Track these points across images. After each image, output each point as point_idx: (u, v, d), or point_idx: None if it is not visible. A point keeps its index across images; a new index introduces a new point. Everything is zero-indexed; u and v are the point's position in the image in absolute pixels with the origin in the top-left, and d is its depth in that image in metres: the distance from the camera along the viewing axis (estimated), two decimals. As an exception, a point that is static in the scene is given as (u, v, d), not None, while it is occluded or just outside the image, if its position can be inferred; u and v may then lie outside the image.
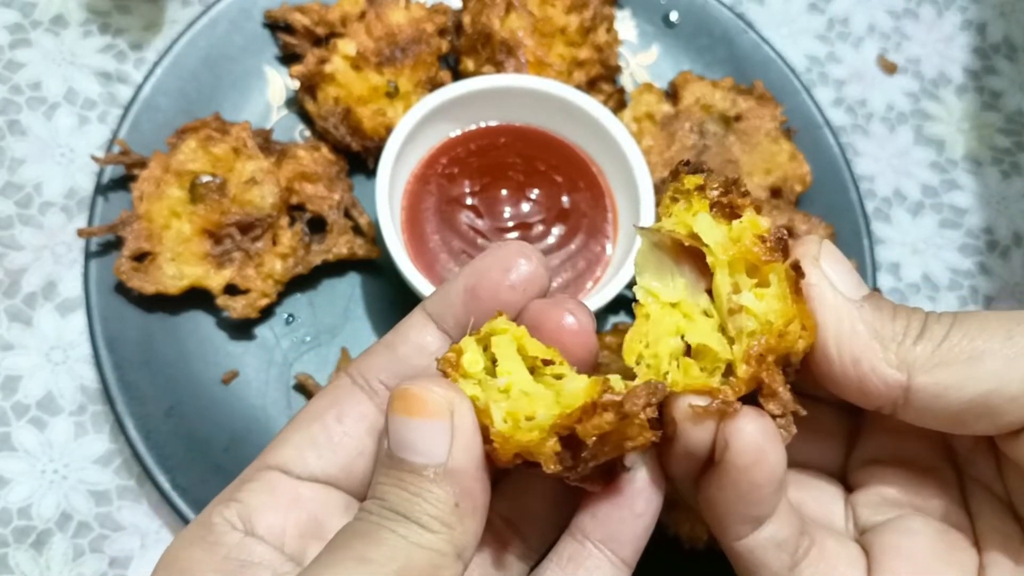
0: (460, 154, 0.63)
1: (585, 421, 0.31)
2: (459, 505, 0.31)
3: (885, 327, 0.34)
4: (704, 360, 0.34)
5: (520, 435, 0.31)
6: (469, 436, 0.31)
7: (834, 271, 0.35)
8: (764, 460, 0.33)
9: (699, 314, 0.34)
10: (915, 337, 0.34)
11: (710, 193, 0.34)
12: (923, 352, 0.33)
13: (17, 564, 0.57)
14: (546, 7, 0.65)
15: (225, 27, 0.67)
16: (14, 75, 0.69)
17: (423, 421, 0.31)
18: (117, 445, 0.60)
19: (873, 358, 0.33)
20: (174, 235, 0.58)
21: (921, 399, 0.33)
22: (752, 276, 0.33)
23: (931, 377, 0.33)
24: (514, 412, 0.31)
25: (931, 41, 0.83)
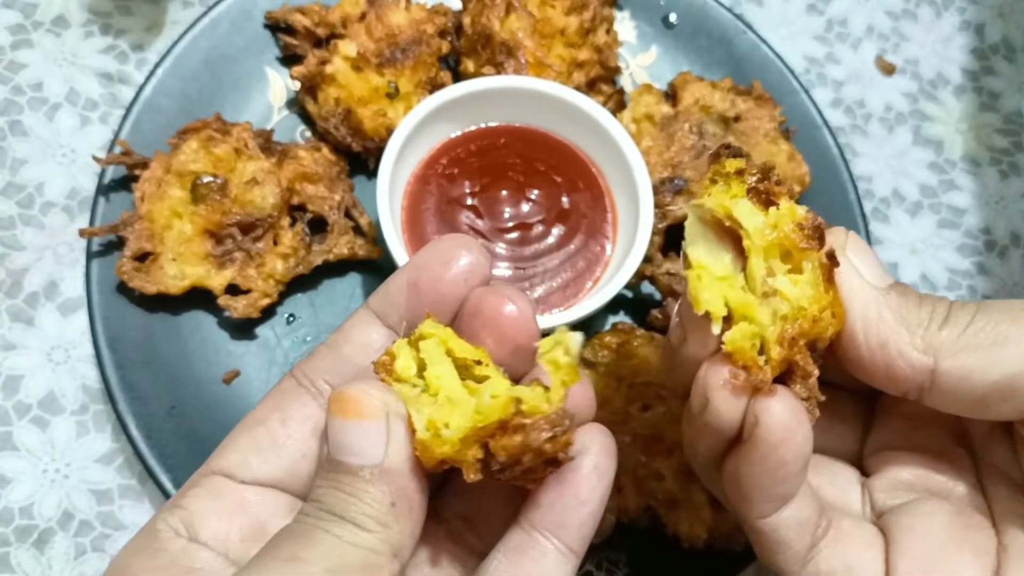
0: (460, 155, 0.63)
1: (498, 438, 0.31)
2: (395, 504, 0.31)
3: (911, 313, 0.35)
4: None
5: (436, 445, 0.31)
6: (404, 437, 0.32)
7: (861, 260, 0.36)
8: (792, 438, 0.34)
9: (741, 291, 0.34)
10: (940, 323, 0.35)
11: (748, 178, 0.34)
12: (949, 337, 0.34)
13: (19, 563, 0.57)
14: (546, 8, 0.65)
15: (226, 28, 0.67)
16: (15, 76, 0.69)
17: (359, 423, 0.32)
18: (119, 444, 0.61)
19: (900, 343, 0.34)
20: (176, 235, 0.58)
21: (947, 382, 0.35)
22: (786, 262, 0.34)
23: (957, 361, 0.34)
24: (434, 421, 0.32)
25: (929, 42, 0.83)
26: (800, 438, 0.34)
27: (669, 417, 0.55)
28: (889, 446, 0.41)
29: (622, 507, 0.55)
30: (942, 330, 0.35)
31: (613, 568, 0.58)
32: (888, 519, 0.39)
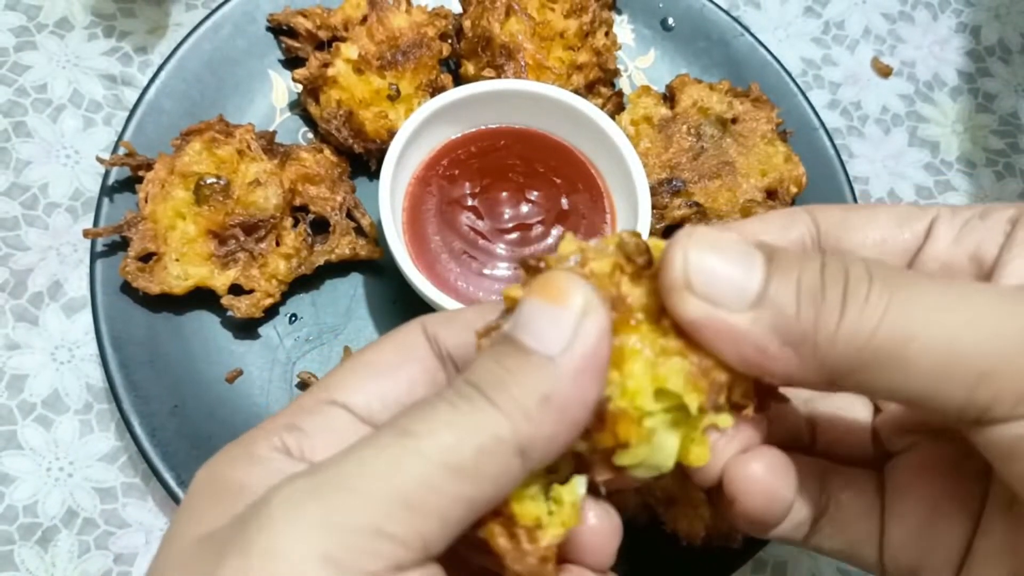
0: (461, 156, 0.63)
1: (488, 522, 0.29)
2: (548, 400, 0.27)
3: (790, 324, 0.28)
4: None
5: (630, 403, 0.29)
6: (591, 340, 0.28)
7: (710, 283, 0.28)
8: (775, 500, 0.32)
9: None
10: (832, 327, 0.28)
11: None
12: (841, 351, 0.28)
13: (23, 561, 0.57)
14: (545, 11, 0.66)
15: (229, 30, 0.68)
16: (20, 77, 0.70)
17: (553, 308, 0.28)
18: (122, 443, 0.61)
19: (786, 368, 0.29)
20: (179, 236, 0.58)
21: (862, 390, 0.30)
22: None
23: (851, 379, 0.28)
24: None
25: (926, 44, 0.84)
26: (784, 495, 0.32)
27: (667, 416, 0.56)
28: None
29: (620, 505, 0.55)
30: (835, 337, 0.28)
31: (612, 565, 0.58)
32: (890, 469, 0.36)
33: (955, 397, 0.27)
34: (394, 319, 0.64)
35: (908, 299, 0.27)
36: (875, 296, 0.28)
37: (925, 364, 0.27)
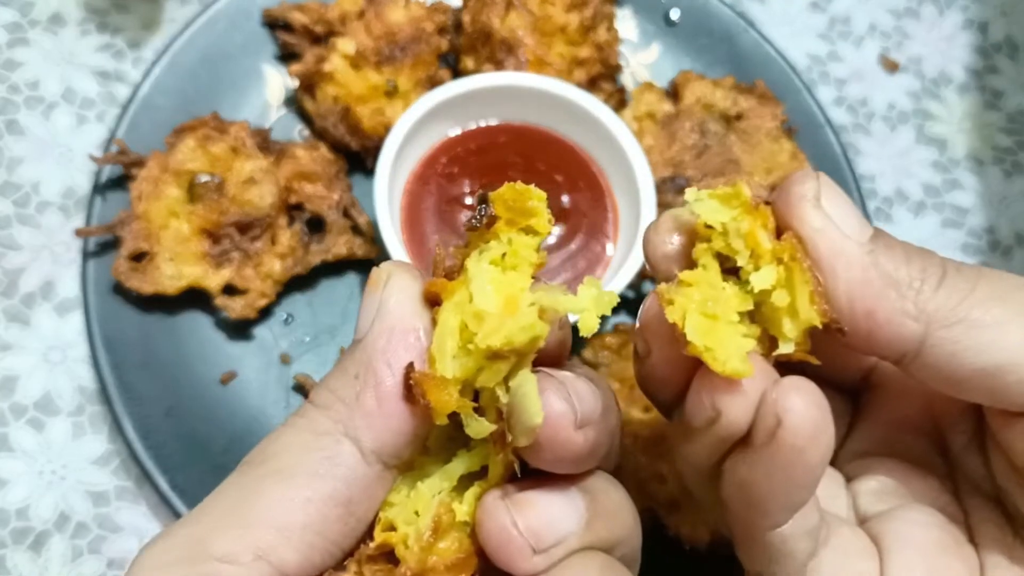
0: (460, 153, 0.62)
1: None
2: (358, 377, 0.28)
3: (900, 271, 0.30)
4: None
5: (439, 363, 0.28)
6: (395, 310, 0.29)
7: (837, 211, 0.31)
8: (821, 438, 0.29)
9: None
10: (935, 285, 0.30)
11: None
12: (944, 304, 0.30)
13: (15, 565, 0.57)
14: (546, 6, 0.65)
15: (224, 26, 0.67)
16: (12, 74, 0.69)
17: (370, 294, 0.30)
18: (115, 446, 0.60)
19: (888, 308, 0.30)
20: (172, 235, 0.58)
21: (934, 356, 0.30)
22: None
23: (950, 333, 0.30)
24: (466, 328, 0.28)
25: (932, 40, 0.83)
26: (827, 437, 0.29)
27: (671, 418, 0.55)
28: (868, 451, 0.38)
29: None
30: (937, 293, 0.30)
31: (614, 571, 0.57)
32: (876, 526, 0.36)
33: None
34: (392, 319, 0.63)
35: (1001, 277, 0.31)
36: (970, 269, 0.31)
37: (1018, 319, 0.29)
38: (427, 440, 0.30)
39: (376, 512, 0.29)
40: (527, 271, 0.29)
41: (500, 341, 0.27)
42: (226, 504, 0.27)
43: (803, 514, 0.32)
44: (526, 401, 0.27)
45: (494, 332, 0.27)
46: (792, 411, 0.28)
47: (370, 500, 0.29)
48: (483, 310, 0.28)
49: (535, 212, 0.29)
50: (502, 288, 0.28)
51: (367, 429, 0.28)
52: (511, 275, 0.29)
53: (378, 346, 0.28)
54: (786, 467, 0.29)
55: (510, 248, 0.29)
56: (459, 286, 0.29)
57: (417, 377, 0.28)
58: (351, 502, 0.28)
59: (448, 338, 0.28)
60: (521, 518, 0.28)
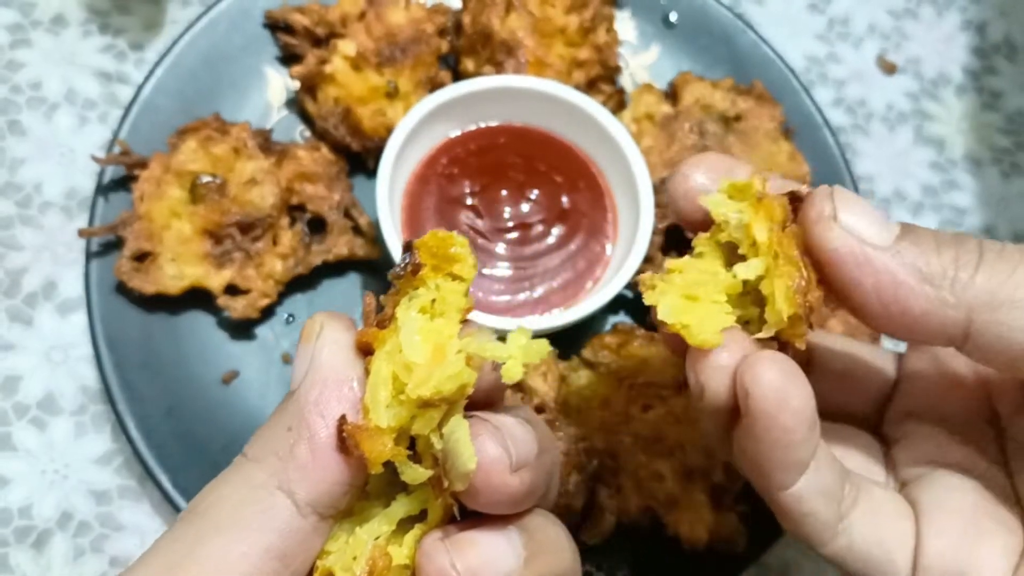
0: (460, 154, 0.63)
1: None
2: (291, 429, 0.28)
3: (932, 264, 0.31)
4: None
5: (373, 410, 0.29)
6: (322, 362, 0.29)
7: (856, 220, 0.32)
8: (790, 401, 0.31)
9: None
10: (972, 271, 0.31)
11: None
12: (985, 288, 0.30)
13: (18, 564, 0.57)
14: (546, 7, 0.65)
15: (225, 27, 0.67)
16: (14, 75, 0.69)
17: (303, 346, 0.30)
18: (118, 445, 0.60)
19: (924, 303, 0.31)
20: (174, 235, 0.58)
21: (983, 339, 0.31)
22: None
23: (994, 316, 0.30)
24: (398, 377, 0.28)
25: (931, 41, 0.83)
26: (798, 401, 0.31)
27: (670, 418, 0.55)
28: (912, 414, 0.39)
29: (622, 508, 0.54)
30: (976, 277, 0.30)
31: (613, 569, 0.57)
32: (914, 491, 0.37)
33: None
34: (393, 319, 0.63)
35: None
36: (1011, 248, 0.31)
37: None
38: (366, 485, 0.30)
39: (313, 563, 0.29)
40: (455, 317, 0.30)
41: (430, 391, 0.28)
42: (162, 561, 0.28)
43: (815, 473, 0.33)
44: (459, 447, 0.28)
45: (423, 382, 0.28)
46: (757, 381, 0.31)
47: (306, 552, 0.29)
48: (412, 360, 0.28)
49: (458, 258, 0.30)
50: (430, 337, 0.29)
51: (301, 482, 0.28)
52: (439, 322, 0.29)
53: (311, 398, 0.29)
54: (766, 433, 0.31)
55: (438, 294, 0.30)
56: (390, 335, 0.29)
57: (350, 429, 0.28)
58: (286, 555, 0.28)
59: (381, 388, 0.29)
60: (460, 559, 0.29)
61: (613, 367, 0.58)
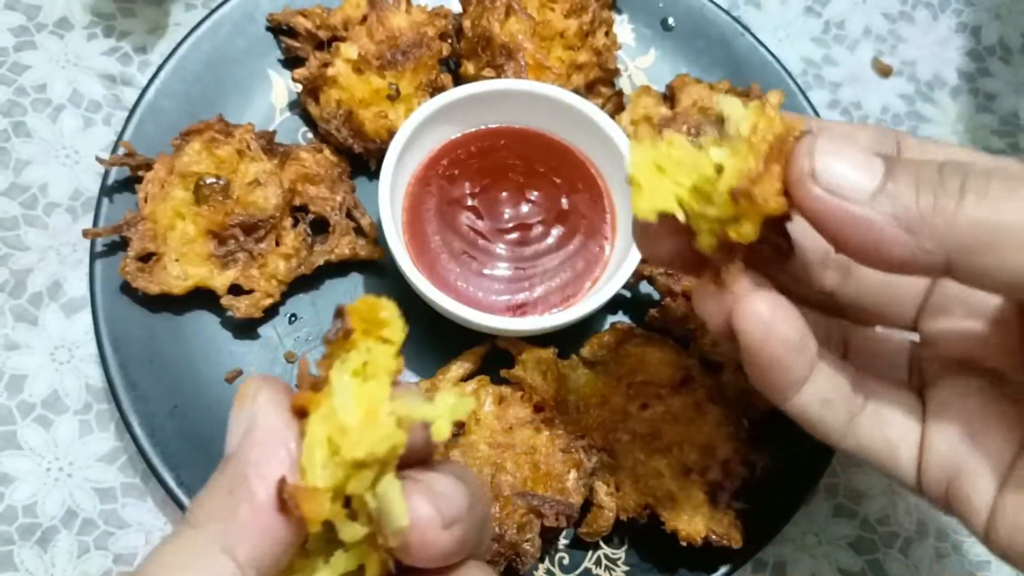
0: (461, 156, 0.63)
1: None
2: (232, 493, 0.29)
3: (909, 211, 0.31)
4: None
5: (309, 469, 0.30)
6: (260, 425, 0.30)
7: (835, 175, 0.32)
8: (774, 334, 0.35)
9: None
10: (951, 210, 0.30)
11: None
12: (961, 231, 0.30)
13: (22, 561, 0.57)
14: (545, 11, 0.66)
15: (228, 30, 0.68)
16: (19, 77, 0.70)
17: (237, 411, 0.31)
18: (122, 443, 0.61)
19: (905, 251, 0.31)
20: (179, 236, 0.58)
21: (963, 277, 0.31)
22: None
23: (969, 260, 0.30)
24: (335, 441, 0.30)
25: (926, 44, 0.84)
26: (782, 333, 0.35)
27: (668, 416, 0.56)
28: (946, 308, 0.40)
29: (621, 505, 0.55)
30: (954, 220, 0.30)
31: (612, 566, 0.58)
32: (930, 391, 0.39)
33: None
34: (394, 319, 0.64)
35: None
36: (996, 185, 0.30)
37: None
38: (306, 543, 0.31)
39: None
40: (386, 380, 0.31)
41: (363, 453, 0.29)
42: None
43: (814, 386, 0.37)
44: (392, 507, 0.29)
45: (356, 445, 0.29)
46: (745, 318, 0.35)
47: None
48: (346, 423, 0.29)
49: (387, 322, 0.31)
50: (362, 400, 0.30)
51: (243, 543, 0.29)
52: (371, 385, 0.30)
53: (250, 460, 0.29)
54: (757, 359, 0.35)
55: (369, 356, 0.31)
56: (324, 398, 0.30)
57: (290, 490, 0.29)
58: None
59: (316, 449, 0.29)
60: None
61: (611, 366, 0.59)
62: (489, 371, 0.58)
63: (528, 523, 0.51)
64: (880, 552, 0.64)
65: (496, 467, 0.52)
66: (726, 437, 0.55)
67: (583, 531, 0.56)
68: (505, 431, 0.54)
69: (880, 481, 0.66)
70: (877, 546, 0.64)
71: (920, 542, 0.65)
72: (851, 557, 0.64)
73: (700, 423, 0.55)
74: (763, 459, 0.56)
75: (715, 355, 0.58)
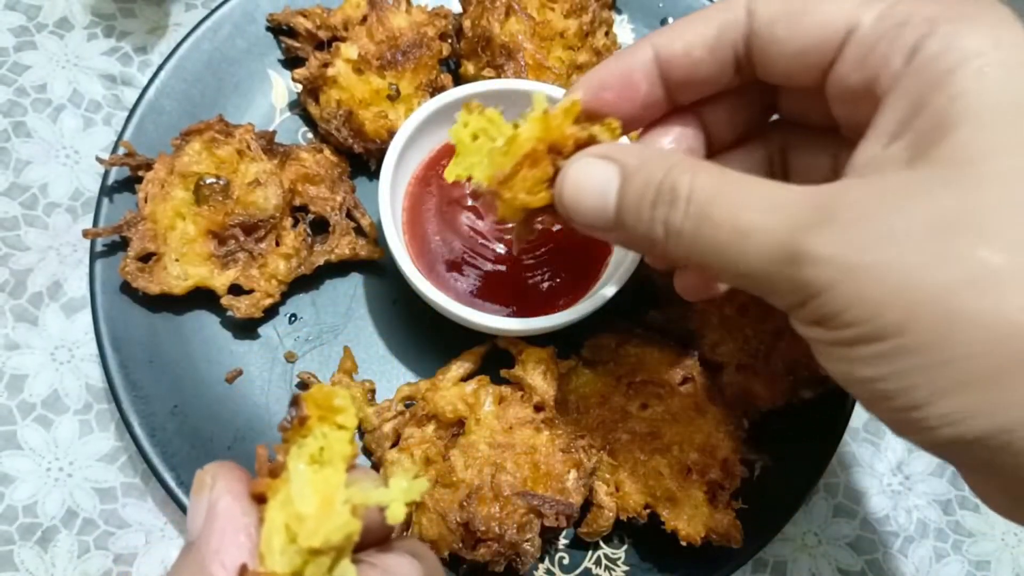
0: (461, 156, 0.63)
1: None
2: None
3: (642, 241, 0.38)
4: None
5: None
6: (218, 513, 0.31)
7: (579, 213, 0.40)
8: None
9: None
10: (666, 238, 0.37)
11: None
12: (680, 250, 0.36)
13: (23, 561, 0.57)
14: (545, 11, 0.66)
15: (228, 30, 0.68)
16: (19, 77, 0.70)
17: (195, 498, 0.32)
18: (122, 443, 0.61)
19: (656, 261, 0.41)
20: (179, 236, 0.58)
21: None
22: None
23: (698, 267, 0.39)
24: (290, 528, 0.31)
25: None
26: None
27: (667, 415, 0.56)
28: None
29: (621, 505, 0.55)
30: (676, 245, 0.36)
31: (612, 566, 0.58)
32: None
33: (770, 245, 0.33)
34: (394, 319, 0.64)
35: (722, 199, 0.35)
36: (693, 206, 0.35)
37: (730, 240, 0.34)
38: None
39: None
40: (341, 466, 0.32)
41: (319, 541, 0.30)
42: None
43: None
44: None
45: (313, 534, 0.30)
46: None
47: None
48: (302, 512, 0.30)
49: (341, 409, 0.32)
50: (318, 488, 0.31)
51: None
52: (327, 471, 0.32)
53: (211, 547, 0.30)
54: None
55: (325, 442, 0.32)
56: (282, 484, 0.31)
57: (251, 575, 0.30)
58: None
59: (275, 536, 0.30)
60: None
61: (611, 366, 0.59)
62: (489, 371, 0.58)
63: (528, 523, 0.51)
64: (880, 552, 0.64)
65: (496, 467, 0.52)
66: (726, 437, 0.55)
67: (583, 531, 0.56)
68: (505, 431, 0.54)
69: (880, 481, 0.66)
70: (877, 546, 0.65)
71: (920, 542, 0.65)
72: (851, 557, 0.64)
73: (700, 423, 0.55)
74: (763, 459, 0.56)
75: (715, 355, 0.58)
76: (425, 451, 0.55)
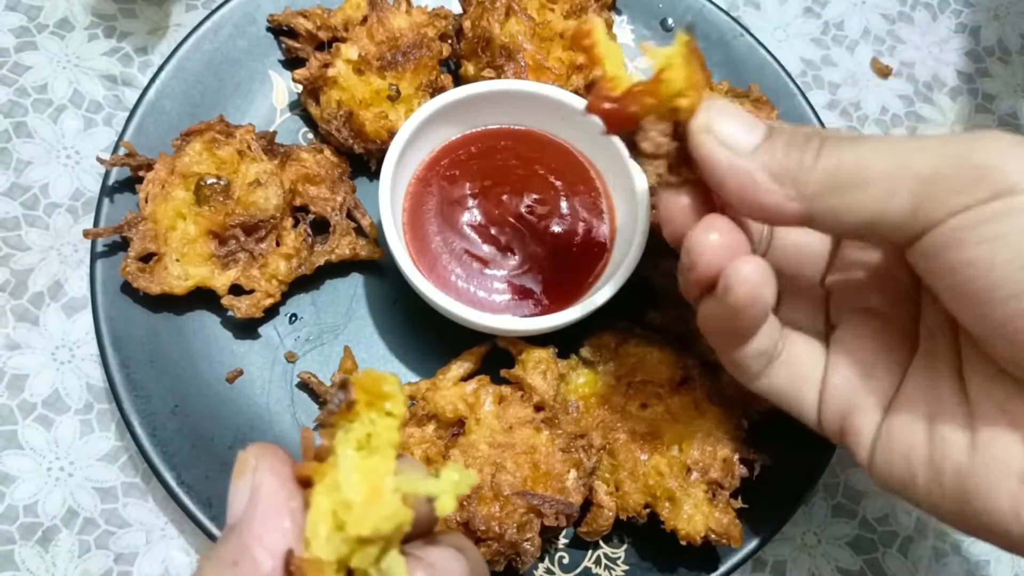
0: (461, 156, 0.64)
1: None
2: (237, 564, 0.29)
3: (779, 164, 0.38)
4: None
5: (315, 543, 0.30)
6: (262, 496, 0.30)
7: (724, 129, 0.39)
8: (759, 301, 0.40)
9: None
10: (811, 163, 0.37)
11: None
12: (817, 180, 0.37)
13: (23, 560, 0.58)
14: (545, 12, 0.66)
15: (229, 31, 0.68)
16: (20, 78, 0.70)
17: (236, 481, 0.31)
18: (123, 443, 0.61)
19: (774, 199, 0.38)
20: (179, 236, 0.59)
21: (822, 222, 0.38)
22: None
23: (823, 204, 0.37)
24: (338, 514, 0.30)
25: (925, 44, 0.84)
26: (766, 299, 0.40)
27: (667, 415, 0.56)
28: (843, 267, 0.46)
29: (621, 504, 0.55)
30: (812, 172, 0.37)
31: (612, 565, 0.58)
32: (833, 335, 0.46)
33: (902, 208, 0.35)
34: (394, 319, 0.64)
35: (869, 143, 0.37)
36: (845, 144, 0.37)
37: (877, 177, 0.35)
38: None
39: None
40: (390, 454, 0.31)
41: (368, 530, 0.29)
42: None
43: (757, 341, 0.43)
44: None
45: (361, 521, 0.29)
46: (738, 281, 0.39)
47: None
48: (350, 498, 0.29)
49: (390, 395, 0.31)
50: (367, 475, 0.30)
51: None
52: (375, 459, 0.30)
53: (254, 531, 0.30)
54: (733, 317, 0.41)
55: (373, 429, 0.31)
56: (328, 469, 0.30)
57: (296, 562, 0.29)
58: None
59: (321, 522, 0.30)
60: None
61: (611, 366, 0.59)
62: (489, 371, 0.59)
63: (528, 522, 0.51)
64: (879, 552, 0.64)
65: (496, 467, 0.52)
66: (726, 437, 0.55)
67: (583, 530, 0.56)
68: (505, 431, 0.54)
69: (879, 481, 0.66)
70: (876, 546, 0.65)
71: (919, 542, 0.65)
72: (850, 556, 0.64)
73: (700, 423, 0.56)
74: (763, 459, 0.56)
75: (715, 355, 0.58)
76: (425, 451, 0.55)
